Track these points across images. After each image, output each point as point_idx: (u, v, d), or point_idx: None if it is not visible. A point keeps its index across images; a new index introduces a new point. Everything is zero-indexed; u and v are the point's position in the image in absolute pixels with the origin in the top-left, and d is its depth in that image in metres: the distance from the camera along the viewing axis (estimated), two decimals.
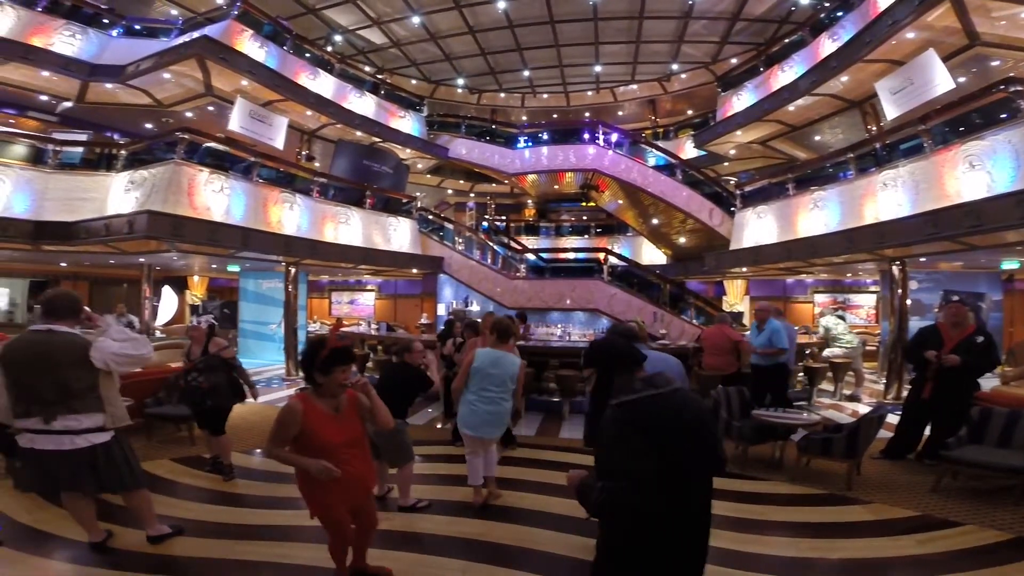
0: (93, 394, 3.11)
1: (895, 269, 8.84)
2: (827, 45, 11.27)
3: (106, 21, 11.80)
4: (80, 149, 9.80)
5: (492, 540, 3.64)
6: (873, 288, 14.79)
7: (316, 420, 2.62)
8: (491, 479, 4.28)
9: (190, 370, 4.83)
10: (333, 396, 2.71)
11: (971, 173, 6.75)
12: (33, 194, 8.70)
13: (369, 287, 18.80)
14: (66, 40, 10.98)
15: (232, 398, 4.88)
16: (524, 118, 19.94)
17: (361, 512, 2.88)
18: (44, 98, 12.01)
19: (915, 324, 8.43)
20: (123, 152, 9.49)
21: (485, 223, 19.53)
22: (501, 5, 13.94)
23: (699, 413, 1.91)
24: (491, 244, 14.91)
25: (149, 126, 13.88)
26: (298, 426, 2.59)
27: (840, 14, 11.31)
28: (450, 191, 21.16)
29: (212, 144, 9.50)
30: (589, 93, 19.41)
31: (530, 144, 16.48)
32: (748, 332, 7.24)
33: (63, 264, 13.10)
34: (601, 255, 13.44)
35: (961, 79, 9.24)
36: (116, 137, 13.31)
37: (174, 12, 13.38)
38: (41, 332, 3.10)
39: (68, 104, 12.25)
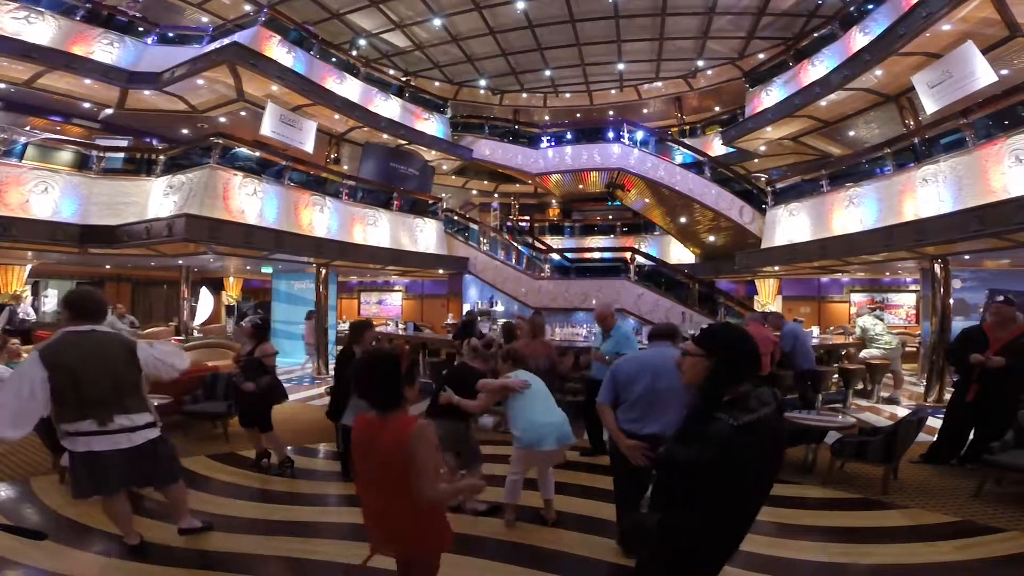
0: (139, 393, 3.15)
1: (937, 267, 8.53)
2: (859, 38, 10.93)
3: (141, 29, 12.18)
4: (122, 155, 10.17)
5: (516, 541, 3.64)
6: (913, 287, 14.27)
7: None
8: (550, 502, 3.96)
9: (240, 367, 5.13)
10: None
11: (1018, 167, 6.49)
12: (79, 199, 9.05)
13: (396, 288, 19.03)
14: (105, 48, 11.36)
15: (265, 399, 5.01)
16: (547, 118, 19.85)
17: None
18: (87, 105, 12.51)
19: (958, 324, 8.12)
20: (162, 157, 9.82)
21: (509, 223, 19.54)
22: (520, 5, 13.90)
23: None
24: (515, 244, 14.92)
25: (185, 131, 14.32)
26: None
27: (871, 7, 10.97)
28: (475, 192, 21.24)
29: (245, 148, 9.77)
30: (612, 91, 19.20)
31: (553, 144, 16.41)
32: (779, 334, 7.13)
33: (107, 266, 13.61)
34: (627, 254, 13.31)
35: (1004, 71, 8.84)
36: (155, 142, 13.81)
37: (204, 19, 13.77)
38: (84, 333, 3.06)
39: (109, 111, 12.76)
